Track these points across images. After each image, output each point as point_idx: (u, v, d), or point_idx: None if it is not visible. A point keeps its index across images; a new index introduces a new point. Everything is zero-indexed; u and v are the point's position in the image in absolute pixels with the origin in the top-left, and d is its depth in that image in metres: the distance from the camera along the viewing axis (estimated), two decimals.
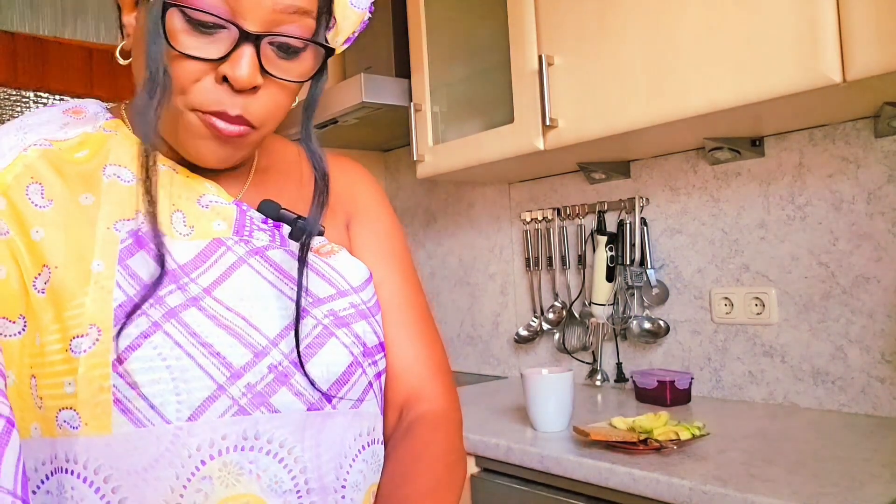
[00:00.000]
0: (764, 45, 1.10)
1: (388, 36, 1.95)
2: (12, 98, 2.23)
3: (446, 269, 2.23)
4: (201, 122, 0.56)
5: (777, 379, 1.43)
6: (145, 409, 0.51)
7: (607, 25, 1.33)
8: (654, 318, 1.63)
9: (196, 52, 0.55)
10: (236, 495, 0.52)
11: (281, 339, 0.56)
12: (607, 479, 1.06)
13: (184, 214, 0.59)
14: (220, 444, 0.52)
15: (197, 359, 0.53)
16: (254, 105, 0.57)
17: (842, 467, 0.99)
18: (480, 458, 1.31)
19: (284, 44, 0.57)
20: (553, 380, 1.29)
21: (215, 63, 0.55)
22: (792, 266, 1.41)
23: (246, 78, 0.55)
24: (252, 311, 0.56)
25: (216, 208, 0.61)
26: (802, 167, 1.40)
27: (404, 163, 2.38)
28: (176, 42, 0.54)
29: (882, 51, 0.98)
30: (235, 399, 0.53)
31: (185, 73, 0.55)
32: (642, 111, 1.28)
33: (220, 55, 0.55)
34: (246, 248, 0.60)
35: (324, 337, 0.59)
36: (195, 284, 0.56)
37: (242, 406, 0.53)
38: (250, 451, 0.53)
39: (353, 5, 0.64)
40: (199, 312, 0.54)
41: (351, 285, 0.63)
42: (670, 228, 1.62)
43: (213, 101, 0.56)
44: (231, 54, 0.55)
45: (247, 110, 0.57)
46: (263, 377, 0.54)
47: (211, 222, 0.60)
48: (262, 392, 0.54)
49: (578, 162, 1.68)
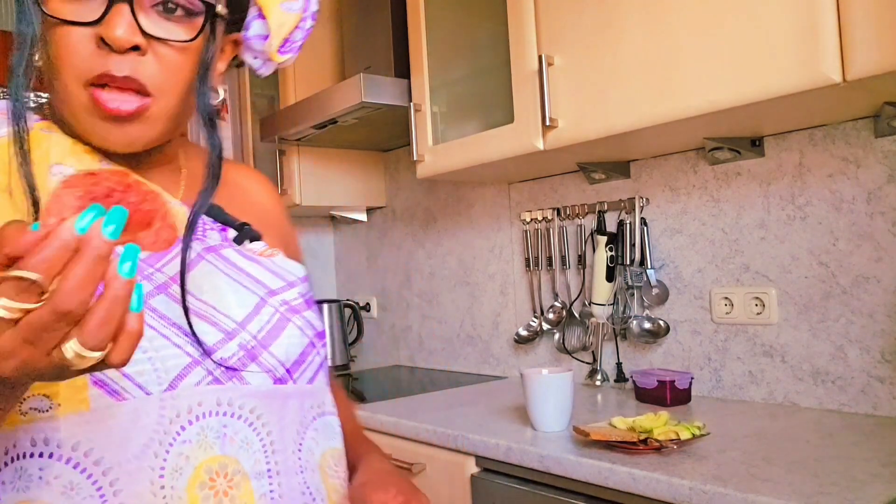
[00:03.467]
0: (764, 45, 1.10)
1: (388, 36, 1.95)
2: None
3: (446, 269, 2.23)
4: (92, 101, 0.56)
5: (777, 379, 1.43)
6: (124, 382, 0.53)
7: (607, 25, 1.33)
8: (654, 318, 1.63)
9: (70, 16, 0.54)
10: (214, 457, 0.56)
11: (248, 323, 0.61)
12: (607, 478, 1.06)
13: None
14: (197, 410, 0.56)
15: (171, 338, 0.56)
16: (142, 68, 0.56)
17: (842, 467, 0.99)
18: (480, 458, 1.31)
19: (165, 1, 0.57)
20: (553, 380, 1.29)
21: (92, 27, 0.54)
22: (792, 266, 1.41)
23: (122, 36, 0.54)
24: (215, 300, 0.61)
25: (176, 210, 0.64)
26: (802, 167, 1.40)
27: (404, 163, 2.38)
28: (48, 8, 0.54)
29: (882, 51, 0.98)
30: (210, 370, 0.58)
31: (63, 40, 0.55)
32: (642, 111, 1.28)
33: (95, 17, 0.54)
34: (202, 246, 0.64)
35: (282, 322, 0.64)
36: (161, 273, 0.59)
37: (217, 377, 0.58)
38: (224, 416, 0.58)
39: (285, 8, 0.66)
40: (168, 298, 0.58)
41: (298, 277, 0.69)
42: (670, 228, 1.62)
43: (98, 65, 0.55)
44: (106, 15, 0.54)
45: (136, 72, 0.56)
46: (234, 353, 0.60)
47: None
48: (234, 366, 0.59)
49: (578, 162, 1.68)
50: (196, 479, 0.55)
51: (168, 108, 0.59)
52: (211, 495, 0.55)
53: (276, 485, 0.59)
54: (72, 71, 0.55)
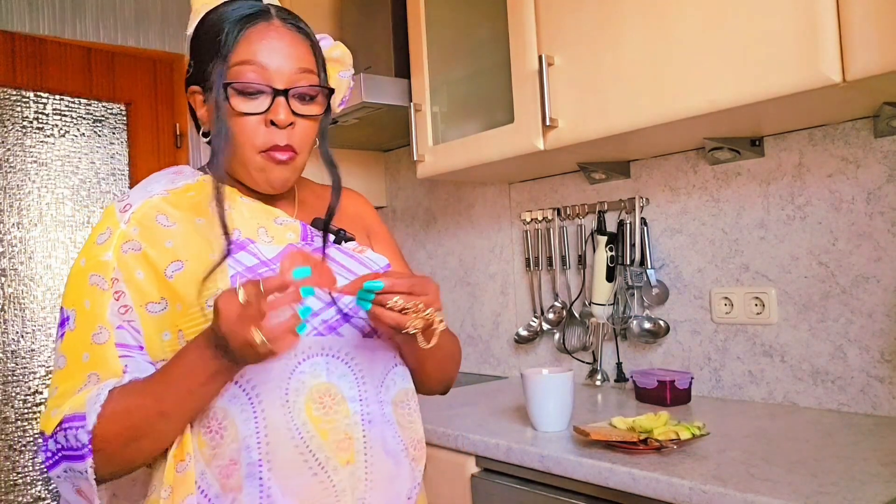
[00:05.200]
0: (764, 45, 1.10)
1: (388, 36, 1.95)
2: (12, 98, 2.23)
3: (446, 269, 2.23)
4: (265, 158, 0.87)
5: (777, 378, 1.43)
6: None
7: (607, 25, 1.33)
8: (654, 318, 1.63)
9: (248, 109, 0.85)
10: (321, 383, 0.83)
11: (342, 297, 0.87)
12: (607, 478, 1.07)
13: (266, 229, 0.89)
14: (308, 352, 0.84)
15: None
16: (293, 136, 0.87)
17: (842, 467, 0.99)
18: (480, 458, 1.31)
19: (303, 93, 0.88)
20: (553, 380, 1.29)
21: (263, 115, 0.86)
22: (792, 266, 1.41)
23: (284, 118, 0.85)
24: None
25: (287, 224, 0.92)
26: (802, 167, 1.40)
27: (404, 163, 2.38)
28: (234, 106, 0.85)
29: (882, 51, 0.98)
30: (315, 327, 0.85)
31: (244, 126, 0.86)
32: (642, 111, 1.28)
33: (264, 109, 0.85)
34: (311, 248, 0.91)
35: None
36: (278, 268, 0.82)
37: (319, 330, 0.85)
38: (326, 356, 0.85)
39: (341, 76, 1.00)
40: None
41: (380, 266, 0.95)
42: (670, 228, 1.62)
43: (269, 139, 0.86)
44: (272, 106, 0.85)
45: (290, 140, 0.87)
46: (333, 316, 0.87)
47: (285, 234, 0.90)
48: (333, 325, 0.86)
49: (578, 162, 1.68)
50: (310, 396, 0.82)
51: (304, 157, 0.91)
52: (321, 406, 0.82)
53: (364, 406, 0.86)
54: (252, 144, 0.86)
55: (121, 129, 2.44)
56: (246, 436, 0.79)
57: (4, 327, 2.17)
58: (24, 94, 2.25)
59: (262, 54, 0.86)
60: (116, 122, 2.43)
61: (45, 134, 2.28)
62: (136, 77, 2.45)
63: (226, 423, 0.80)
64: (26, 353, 2.20)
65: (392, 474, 0.87)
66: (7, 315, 2.18)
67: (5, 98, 2.22)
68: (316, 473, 0.81)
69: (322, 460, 0.81)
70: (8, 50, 2.20)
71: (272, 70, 0.85)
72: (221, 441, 0.80)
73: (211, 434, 0.80)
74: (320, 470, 0.81)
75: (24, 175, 2.24)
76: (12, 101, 2.23)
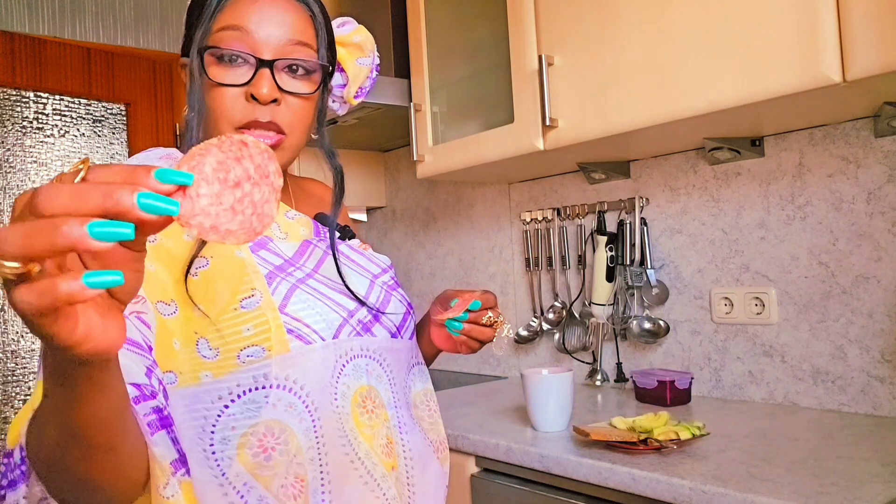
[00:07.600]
0: (764, 45, 1.10)
1: (388, 36, 1.95)
2: (12, 98, 2.23)
3: (446, 269, 2.23)
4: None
5: (777, 379, 1.43)
6: (310, 333, 0.74)
7: (607, 25, 1.33)
8: (654, 318, 1.63)
9: (226, 80, 0.75)
10: (364, 385, 0.78)
11: (368, 296, 0.84)
12: (607, 479, 1.06)
13: (278, 224, 0.82)
14: (350, 353, 0.78)
15: (328, 304, 0.78)
16: (279, 114, 0.76)
17: (842, 467, 0.99)
18: (480, 458, 1.31)
19: (293, 65, 0.77)
20: (553, 380, 1.29)
21: (244, 87, 0.75)
22: (792, 266, 1.41)
23: (267, 93, 0.74)
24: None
25: (298, 220, 0.85)
26: (802, 167, 1.40)
27: (404, 163, 2.38)
28: (211, 76, 0.75)
29: (882, 51, 0.98)
30: (353, 326, 0.79)
31: (221, 98, 0.75)
32: (642, 111, 1.28)
33: (245, 80, 0.75)
34: (326, 245, 0.85)
35: (388, 296, 0.87)
36: (305, 267, 0.80)
37: (357, 331, 0.80)
38: (365, 358, 0.80)
39: (359, 63, 0.91)
40: (315, 281, 0.79)
41: (387, 265, 0.93)
42: (670, 228, 1.62)
43: (248, 114, 0.75)
44: (254, 78, 0.75)
45: (275, 117, 0.76)
46: (366, 316, 0.81)
47: (297, 229, 0.84)
48: (366, 324, 0.81)
49: (578, 162, 1.68)
50: (355, 400, 0.77)
51: (294, 141, 0.80)
52: (364, 411, 0.78)
53: (397, 410, 0.82)
54: (227, 119, 0.75)
55: (120, 129, 2.44)
56: (308, 447, 0.73)
57: (4, 327, 2.17)
58: (24, 95, 2.25)
59: (250, 19, 0.75)
60: (116, 123, 2.43)
61: (45, 134, 2.28)
62: (136, 77, 2.46)
63: (283, 436, 0.71)
64: (26, 353, 2.21)
65: (429, 476, 0.85)
66: (7, 315, 2.18)
67: (5, 98, 2.22)
68: (367, 483, 0.75)
69: (370, 467, 0.76)
70: (7, 50, 2.20)
71: (259, 38, 0.75)
72: (281, 459, 0.71)
73: (267, 453, 0.71)
74: (370, 479, 0.76)
75: (24, 175, 2.24)
76: (12, 101, 2.23)
